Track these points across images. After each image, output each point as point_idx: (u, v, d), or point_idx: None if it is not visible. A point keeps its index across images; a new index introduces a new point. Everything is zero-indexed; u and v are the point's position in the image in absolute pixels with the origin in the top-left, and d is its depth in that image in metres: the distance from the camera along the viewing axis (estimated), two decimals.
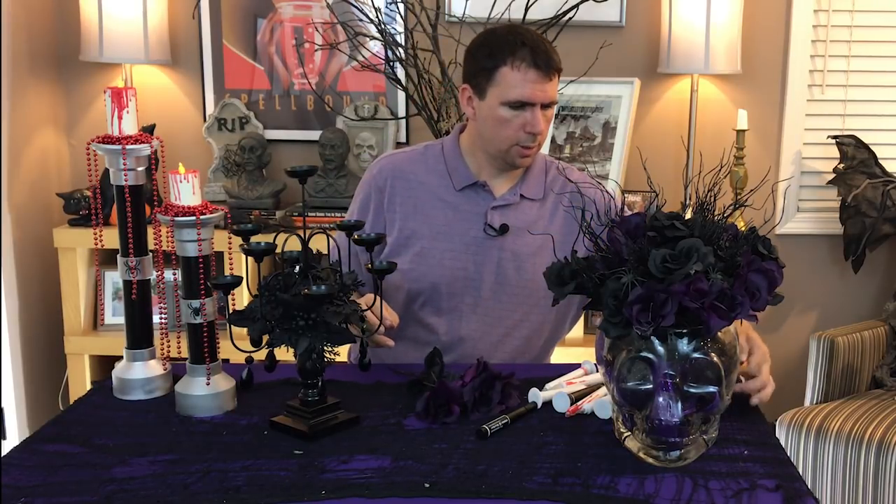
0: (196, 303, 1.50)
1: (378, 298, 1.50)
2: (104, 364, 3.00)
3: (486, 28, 1.90)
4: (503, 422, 1.45)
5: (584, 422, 1.49)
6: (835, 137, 3.09)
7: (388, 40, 2.73)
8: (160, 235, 1.56)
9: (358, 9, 2.77)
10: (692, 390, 1.26)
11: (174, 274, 1.55)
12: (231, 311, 1.46)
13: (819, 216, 3.23)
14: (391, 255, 1.84)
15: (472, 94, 1.81)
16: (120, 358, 1.63)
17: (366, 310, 1.54)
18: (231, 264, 1.69)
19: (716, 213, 1.30)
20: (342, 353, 1.72)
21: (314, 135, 3.11)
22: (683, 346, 1.24)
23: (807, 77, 3.14)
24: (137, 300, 1.59)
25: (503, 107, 1.76)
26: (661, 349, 1.24)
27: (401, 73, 2.92)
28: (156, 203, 1.56)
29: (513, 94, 1.75)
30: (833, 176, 3.10)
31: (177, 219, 1.47)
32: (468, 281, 1.84)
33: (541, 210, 1.88)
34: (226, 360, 1.59)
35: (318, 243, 1.65)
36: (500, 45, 1.77)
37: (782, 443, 2.03)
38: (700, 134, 3.10)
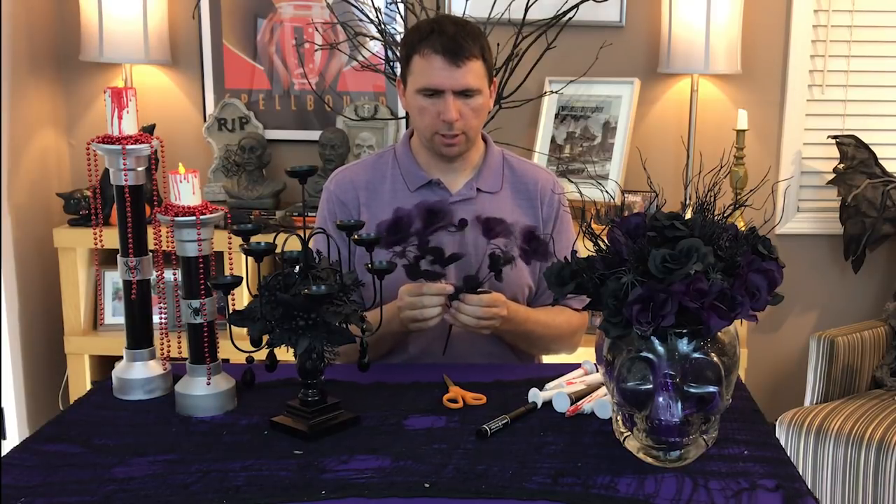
0: (196, 303, 1.50)
1: (378, 298, 1.50)
2: (104, 364, 3.00)
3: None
4: (503, 422, 1.45)
5: (584, 422, 1.49)
6: (835, 137, 3.09)
7: (388, 40, 2.73)
8: (160, 235, 1.56)
9: (358, 9, 2.77)
10: (692, 390, 1.26)
11: (174, 274, 1.55)
12: (231, 311, 1.46)
13: (819, 216, 3.23)
14: (360, 262, 1.84)
15: (402, 86, 1.85)
16: (120, 358, 1.63)
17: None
18: (231, 264, 1.69)
19: (716, 213, 1.30)
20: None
21: (314, 135, 3.11)
22: (683, 346, 1.24)
23: (807, 77, 3.14)
24: (137, 300, 1.59)
25: (418, 95, 1.79)
26: (661, 349, 1.24)
27: None
28: (156, 203, 1.56)
29: (421, 82, 1.78)
30: (833, 176, 3.10)
31: (177, 219, 1.47)
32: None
33: (498, 203, 1.88)
34: (226, 360, 1.59)
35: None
36: (414, 34, 1.81)
37: (782, 443, 2.03)
38: (700, 134, 3.10)
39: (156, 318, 1.62)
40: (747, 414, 1.52)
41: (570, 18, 2.71)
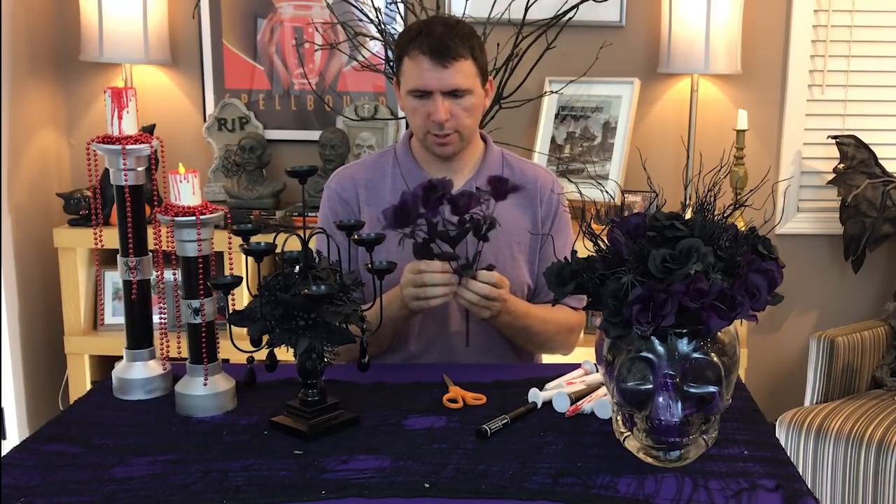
0: (196, 303, 1.50)
1: (378, 298, 1.50)
2: (104, 364, 3.00)
3: None
4: (503, 422, 1.45)
5: (584, 422, 1.49)
6: (835, 137, 3.09)
7: (388, 40, 2.73)
8: (160, 235, 1.56)
9: (358, 9, 2.77)
10: (692, 390, 1.26)
11: (174, 274, 1.55)
12: (231, 311, 1.46)
13: (819, 216, 3.23)
14: (362, 261, 1.83)
15: (398, 88, 1.86)
16: (120, 358, 1.63)
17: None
18: (231, 264, 1.69)
19: (716, 213, 1.30)
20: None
21: (314, 135, 3.11)
22: (683, 346, 1.24)
23: (807, 77, 3.14)
24: (137, 300, 1.59)
25: (409, 96, 1.80)
26: (661, 349, 1.24)
27: None
28: (156, 203, 1.56)
29: (410, 83, 1.78)
30: (833, 176, 3.10)
31: (177, 219, 1.47)
32: None
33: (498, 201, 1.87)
34: (226, 360, 1.59)
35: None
36: (404, 36, 1.81)
37: (782, 443, 2.03)
38: (700, 134, 3.10)
39: (156, 318, 1.62)
40: (747, 414, 1.51)
41: (570, 18, 2.71)
